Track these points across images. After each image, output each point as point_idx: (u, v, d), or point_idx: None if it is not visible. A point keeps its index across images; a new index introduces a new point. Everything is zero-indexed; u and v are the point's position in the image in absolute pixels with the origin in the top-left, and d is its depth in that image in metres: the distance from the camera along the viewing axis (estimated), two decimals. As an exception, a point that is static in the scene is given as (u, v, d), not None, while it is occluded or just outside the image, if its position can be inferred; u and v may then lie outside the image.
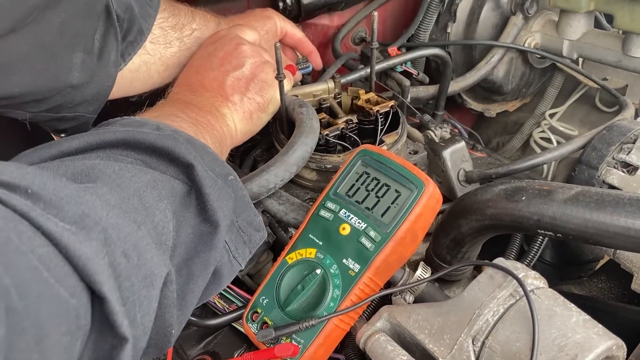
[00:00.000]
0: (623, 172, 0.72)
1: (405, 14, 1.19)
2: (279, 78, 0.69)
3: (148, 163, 0.47)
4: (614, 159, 0.73)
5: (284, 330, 0.56)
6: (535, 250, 0.74)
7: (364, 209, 0.60)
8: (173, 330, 0.44)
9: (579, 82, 1.19)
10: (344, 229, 0.60)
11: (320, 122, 0.74)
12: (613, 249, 0.68)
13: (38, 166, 0.40)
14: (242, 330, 0.65)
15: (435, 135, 0.80)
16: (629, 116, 0.86)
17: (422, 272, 0.62)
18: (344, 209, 0.61)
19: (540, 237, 0.75)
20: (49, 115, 0.64)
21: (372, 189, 0.61)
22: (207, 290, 0.51)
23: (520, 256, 0.75)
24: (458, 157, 0.78)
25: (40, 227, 0.32)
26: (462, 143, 0.78)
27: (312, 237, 0.62)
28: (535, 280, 0.53)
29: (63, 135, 0.70)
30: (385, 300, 0.65)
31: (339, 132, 0.75)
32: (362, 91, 0.83)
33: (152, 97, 0.73)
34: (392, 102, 0.79)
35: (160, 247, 0.42)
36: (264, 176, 0.65)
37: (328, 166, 0.73)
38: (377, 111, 0.77)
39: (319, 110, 0.80)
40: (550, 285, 0.55)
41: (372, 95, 0.82)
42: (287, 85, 0.77)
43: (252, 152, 0.88)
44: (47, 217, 0.32)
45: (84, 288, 0.33)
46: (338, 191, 0.63)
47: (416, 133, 0.88)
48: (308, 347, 0.56)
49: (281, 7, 0.97)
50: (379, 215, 0.59)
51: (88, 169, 0.41)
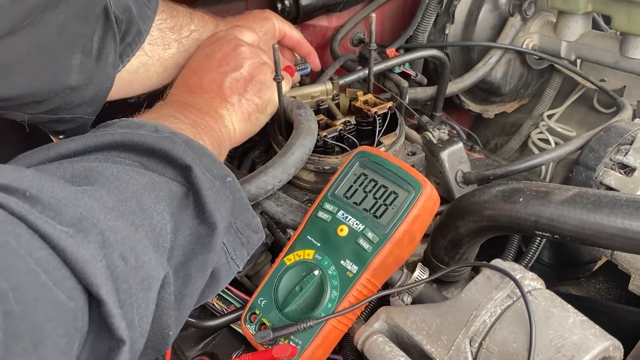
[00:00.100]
0: (620, 173, 0.72)
1: (403, 15, 1.19)
2: (277, 79, 0.69)
3: (146, 165, 0.47)
4: (611, 160, 0.74)
5: (282, 332, 0.56)
6: (533, 251, 0.74)
7: (362, 210, 0.60)
8: (171, 332, 0.44)
9: (576, 84, 1.19)
10: (341, 230, 0.60)
11: (319, 123, 0.74)
12: (610, 250, 0.68)
13: (36, 168, 0.41)
14: (241, 332, 0.65)
15: (433, 136, 0.80)
16: (626, 117, 0.86)
17: (420, 273, 0.62)
18: (341, 211, 0.61)
19: (538, 239, 0.75)
20: (47, 116, 0.64)
21: (370, 191, 0.61)
22: (204, 292, 0.51)
23: (518, 257, 0.75)
24: (456, 158, 0.78)
25: (38, 230, 0.32)
26: (460, 144, 0.78)
27: (310, 238, 0.62)
28: (532, 282, 0.54)
29: (62, 137, 0.71)
30: (383, 301, 0.65)
31: (337, 133, 0.75)
32: (360, 92, 0.83)
33: (151, 99, 0.73)
34: (390, 104, 0.79)
35: (158, 249, 0.42)
36: (262, 178, 0.65)
37: (326, 167, 0.74)
38: (375, 112, 0.78)
39: (317, 112, 0.80)
40: (549, 286, 0.55)
41: (370, 97, 0.82)
42: (286, 86, 0.77)
43: (251, 154, 0.88)
44: (44, 220, 0.32)
45: (81, 291, 0.33)
46: (336, 193, 0.63)
47: (414, 134, 0.89)
48: (306, 348, 0.57)
49: (279, 9, 0.97)
50: (376, 217, 0.59)
51: (86, 171, 0.41)
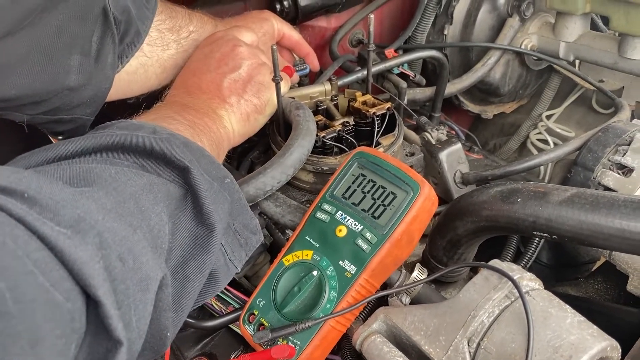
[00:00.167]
0: (618, 173, 0.72)
1: (402, 16, 1.19)
2: (276, 80, 0.69)
3: (144, 166, 0.47)
4: (609, 160, 0.74)
5: (281, 332, 0.56)
6: (531, 251, 0.75)
7: (360, 211, 0.60)
8: (168, 334, 0.44)
9: (575, 84, 1.19)
10: (340, 230, 0.60)
11: (317, 124, 0.74)
12: (609, 251, 0.68)
13: (34, 170, 0.41)
14: (239, 332, 0.65)
15: (432, 137, 0.80)
16: (624, 118, 0.87)
17: (419, 273, 0.62)
18: (340, 211, 0.61)
19: (537, 239, 0.75)
20: (46, 117, 0.64)
21: (369, 191, 0.61)
22: (203, 293, 0.51)
23: (517, 258, 0.76)
24: (454, 159, 0.78)
25: (36, 231, 0.32)
26: (459, 145, 0.79)
27: (308, 239, 0.62)
28: (530, 282, 0.54)
29: (60, 138, 0.71)
30: (382, 301, 0.65)
31: (335, 134, 0.75)
32: (358, 93, 0.83)
33: (150, 99, 0.73)
34: (388, 104, 0.79)
35: (156, 251, 0.42)
36: (260, 179, 0.65)
37: (325, 168, 0.74)
38: (374, 113, 0.78)
39: (315, 112, 0.80)
40: (547, 286, 0.55)
41: (368, 97, 0.82)
42: (284, 87, 0.77)
43: (249, 154, 0.88)
44: (42, 221, 0.32)
45: (79, 292, 0.33)
46: (334, 193, 0.63)
47: (413, 135, 0.89)
48: (304, 348, 0.57)
49: (278, 9, 0.98)
50: (375, 217, 0.59)
51: (84, 173, 0.41)
